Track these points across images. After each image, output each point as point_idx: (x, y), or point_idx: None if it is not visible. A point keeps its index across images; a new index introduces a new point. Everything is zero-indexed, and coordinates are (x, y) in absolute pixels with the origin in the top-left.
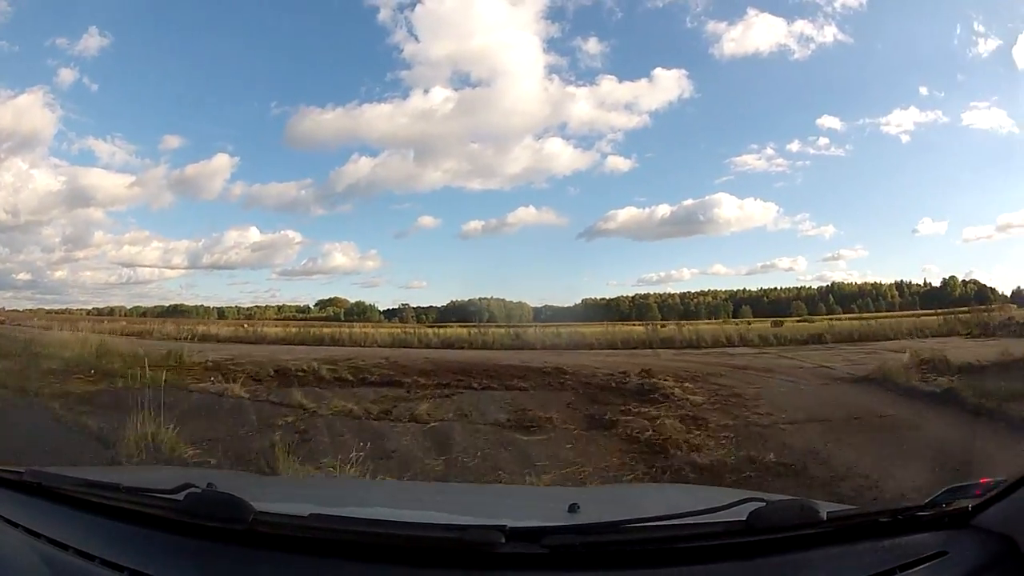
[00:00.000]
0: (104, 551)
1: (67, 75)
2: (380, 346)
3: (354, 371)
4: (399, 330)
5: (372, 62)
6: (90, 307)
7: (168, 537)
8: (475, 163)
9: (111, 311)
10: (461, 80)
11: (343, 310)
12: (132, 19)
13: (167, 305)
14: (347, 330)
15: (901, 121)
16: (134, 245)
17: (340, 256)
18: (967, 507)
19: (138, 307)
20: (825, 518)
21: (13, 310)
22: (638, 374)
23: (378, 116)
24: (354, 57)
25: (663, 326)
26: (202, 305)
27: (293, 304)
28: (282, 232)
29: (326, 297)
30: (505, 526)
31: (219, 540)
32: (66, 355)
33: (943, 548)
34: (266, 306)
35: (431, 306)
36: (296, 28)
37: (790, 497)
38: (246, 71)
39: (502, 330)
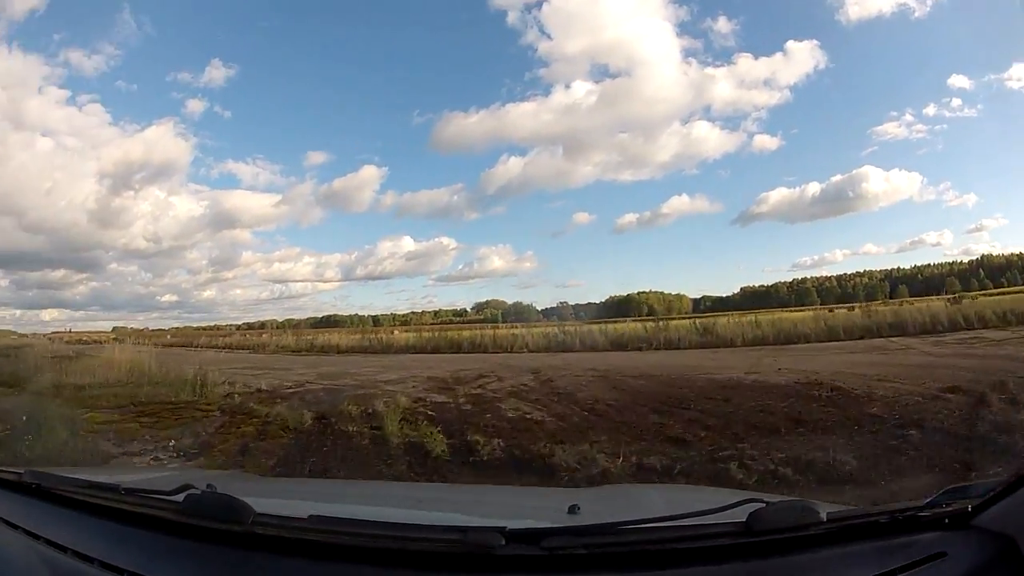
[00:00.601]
0: (103, 552)
1: (196, 105)
2: (532, 350)
3: (470, 417)
4: (556, 328)
5: (509, 63)
6: (240, 322)
7: (167, 539)
8: (624, 154)
9: (262, 325)
10: (600, 72)
11: (500, 312)
12: (255, 48)
13: (320, 316)
14: (490, 332)
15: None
16: (284, 262)
17: (496, 259)
18: (966, 507)
19: (290, 320)
20: (825, 519)
21: (157, 329)
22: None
23: (523, 115)
24: (490, 60)
25: (866, 308)
26: (356, 314)
27: (450, 308)
28: (436, 239)
29: (483, 300)
30: (505, 528)
31: (219, 542)
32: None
33: (943, 548)
34: (423, 312)
35: (589, 303)
36: (428, 37)
37: (790, 498)
38: (383, 83)
39: (685, 323)
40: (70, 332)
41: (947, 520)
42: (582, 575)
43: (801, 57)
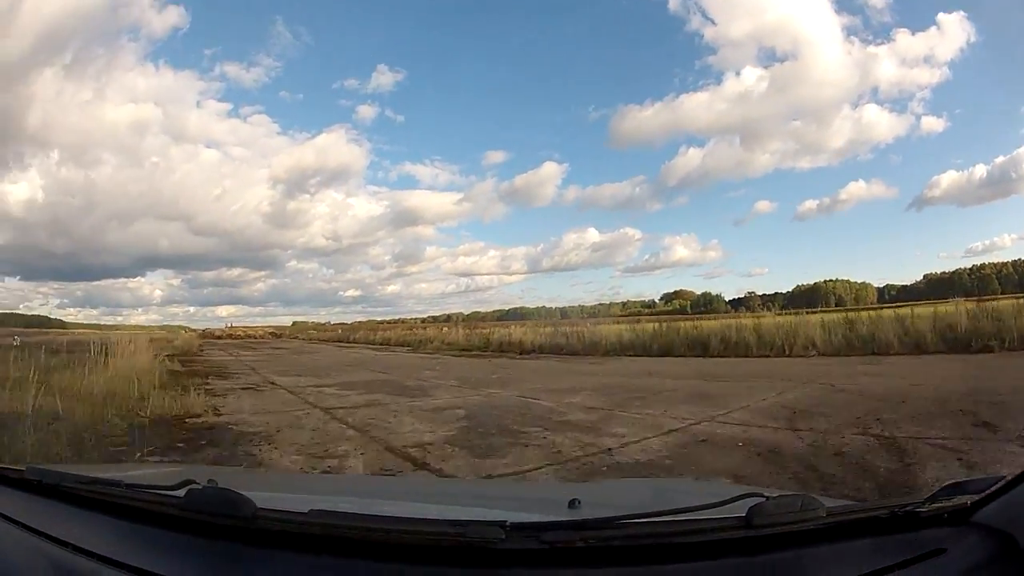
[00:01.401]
0: (104, 548)
1: (366, 111)
2: (822, 352)
3: None
4: (750, 320)
5: (678, 52)
6: (426, 315)
7: (169, 534)
8: (800, 141)
9: (448, 317)
10: (767, 56)
11: (689, 302)
12: (422, 52)
13: (507, 309)
14: (749, 322)
15: None
16: (469, 256)
17: (681, 249)
18: (966, 503)
19: (476, 312)
20: (825, 514)
21: (339, 323)
22: None
23: (697, 105)
24: (659, 51)
25: None
26: (543, 306)
27: (638, 299)
28: (621, 230)
29: (671, 290)
30: (505, 522)
31: (220, 537)
32: None
33: (942, 544)
34: (610, 303)
35: (776, 292)
36: (596, 31)
37: (790, 492)
38: (555, 80)
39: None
40: (229, 327)
41: (947, 516)
42: (582, 569)
43: (952, 30)
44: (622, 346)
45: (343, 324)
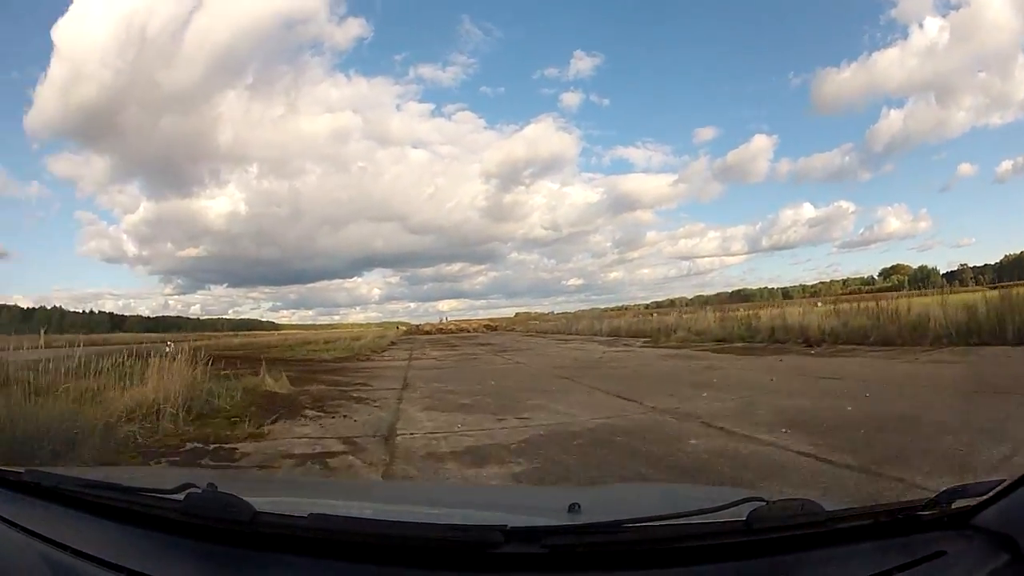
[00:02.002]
0: (103, 552)
1: (571, 99)
2: None
3: None
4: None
5: (861, 6)
6: (649, 301)
7: (168, 538)
8: (988, 94)
9: (671, 303)
10: (943, 3)
11: (907, 277)
12: (615, 34)
13: (730, 291)
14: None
15: None
16: (689, 238)
17: (893, 220)
18: (967, 507)
19: (699, 296)
20: (825, 517)
21: (563, 313)
22: None
23: (889, 63)
24: (843, 7)
25: None
26: (766, 287)
27: (856, 276)
28: (834, 204)
29: (888, 265)
30: (505, 526)
31: (220, 540)
32: None
33: (943, 548)
34: (830, 281)
35: (985, 264)
36: None
37: (790, 496)
38: (752, 49)
39: None
40: (442, 322)
41: (948, 519)
42: (582, 573)
43: None
44: (959, 330)
45: (566, 313)
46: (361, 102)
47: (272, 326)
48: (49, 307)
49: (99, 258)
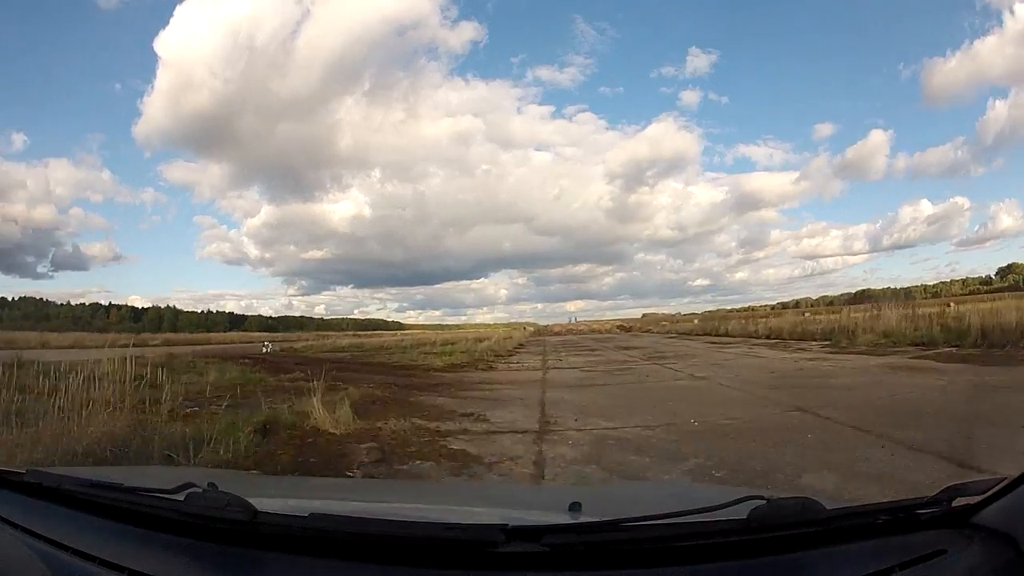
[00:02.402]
0: (104, 551)
1: (690, 97)
2: None
3: None
4: None
5: None
6: (775, 302)
7: (169, 537)
8: None
9: (796, 303)
10: None
11: (1022, 277)
12: (729, 30)
13: (853, 292)
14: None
15: None
16: (812, 237)
17: (1005, 217)
18: (967, 505)
19: (824, 296)
20: (825, 516)
21: (689, 313)
22: None
23: (990, 50)
24: None
25: None
26: (889, 287)
27: (975, 276)
28: (950, 200)
29: (1004, 264)
30: (506, 525)
31: (220, 540)
32: None
33: (943, 546)
34: (950, 281)
35: None
36: None
37: (791, 495)
38: (863, 41)
39: None
40: (572, 322)
41: (948, 517)
42: (583, 572)
43: None
44: None
45: (694, 313)
46: (481, 105)
47: (397, 326)
48: (163, 307)
49: (220, 260)
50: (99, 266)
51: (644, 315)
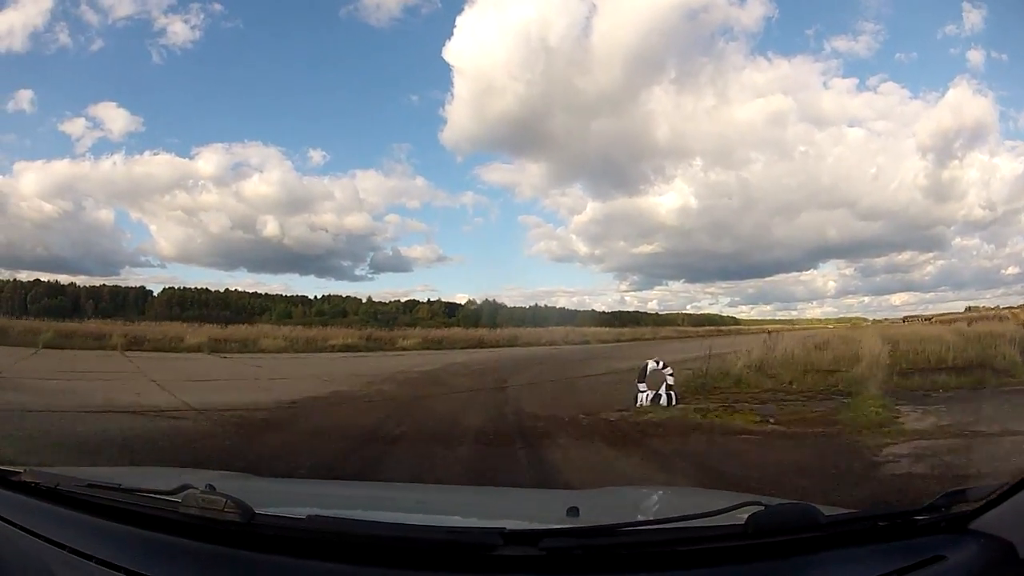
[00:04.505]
0: (102, 552)
1: (975, 56)
2: None
3: None
4: None
5: None
6: None
7: (167, 538)
8: None
9: None
10: None
11: None
12: None
13: None
14: None
15: None
16: None
17: None
18: (965, 511)
19: None
20: (824, 522)
21: (1000, 308)
22: None
23: None
24: None
25: None
26: None
27: None
28: None
29: None
30: (504, 528)
31: (218, 541)
32: None
33: (941, 552)
34: None
35: None
36: None
37: (789, 501)
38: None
39: None
40: (905, 319)
41: (946, 523)
42: None
43: None
44: None
45: (1011, 308)
46: (788, 83)
47: (733, 321)
48: (479, 301)
49: (548, 258)
50: (423, 267)
51: (968, 308)
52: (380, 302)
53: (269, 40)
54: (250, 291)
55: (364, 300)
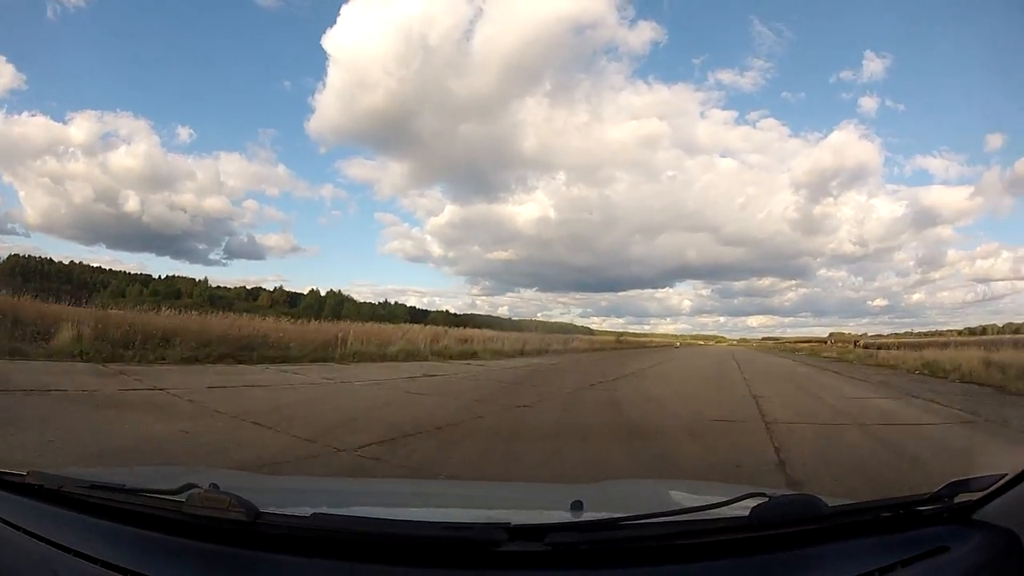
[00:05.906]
0: (106, 553)
1: (868, 103)
2: None
3: None
4: None
5: None
6: (946, 328)
7: (171, 538)
8: None
9: (983, 330)
10: None
11: None
12: (902, 32)
13: (1019, 322)
14: None
15: None
16: (985, 258)
17: None
18: (969, 501)
19: (991, 324)
20: (827, 513)
21: (876, 335)
22: None
23: None
24: None
25: None
26: None
27: None
28: None
29: None
30: (508, 523)
31: (222, 540)
32: None
33: (945, 542)
34: None
35: None
36: None
37: (793, 492)
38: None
39: None
40: (765, 339)
41: (949, 514)
42: (585, 570)
43: None
44: None
45: (881, 336)
46: (665, 109)
47: (587, 331)
48: (323, 293)
49: (401, 257)
50: (276, 257)
51: (830, 334)
52: (221, 286)
53: (155, 6)
54: (105, 267)
55: (199, 281)
